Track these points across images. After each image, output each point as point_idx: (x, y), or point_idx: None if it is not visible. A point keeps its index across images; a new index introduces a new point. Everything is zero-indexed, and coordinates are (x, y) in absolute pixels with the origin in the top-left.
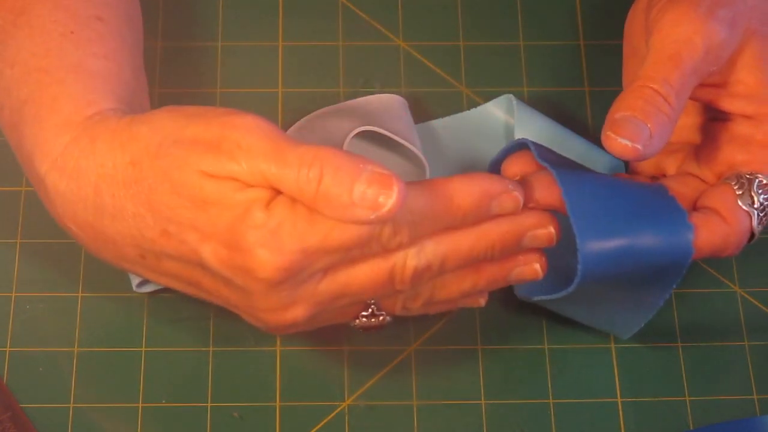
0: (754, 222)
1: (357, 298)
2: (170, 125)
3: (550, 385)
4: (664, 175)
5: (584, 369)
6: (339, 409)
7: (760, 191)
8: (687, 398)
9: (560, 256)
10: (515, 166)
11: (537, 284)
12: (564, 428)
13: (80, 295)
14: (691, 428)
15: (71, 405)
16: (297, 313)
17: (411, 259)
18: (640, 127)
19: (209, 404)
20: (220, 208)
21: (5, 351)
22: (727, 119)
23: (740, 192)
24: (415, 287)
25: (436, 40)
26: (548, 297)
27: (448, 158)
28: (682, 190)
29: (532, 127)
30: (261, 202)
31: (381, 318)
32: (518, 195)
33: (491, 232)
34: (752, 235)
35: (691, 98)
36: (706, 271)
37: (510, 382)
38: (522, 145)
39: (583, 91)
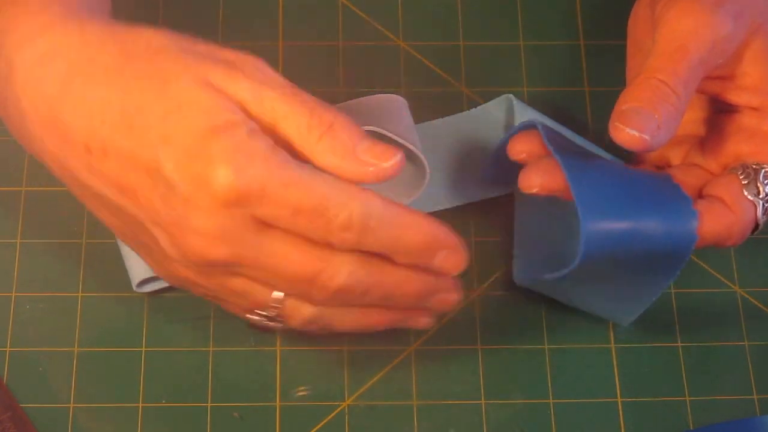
0: (759, 212)
1: (271, 278)
2: (180, 37)
3: (550, 385)
4: (669, 166)
5: (584, 369)
6: (339, 409)
7: (766, 182)
8: (687, 398)
9: (561, 242)
10: (521, 144)
11: (536, 270)
12: (564, 428)
13: (80, 295)
14: (691, 428)
15: (71, 405)
16: (220, 251)
17: (343, 271)
18: (647, 117)
19: (209, 404)
20: (202, 116)
21: (5, 351)
22: (733, 111)
23: (746, 182)
24: (326, 303)
25: (436, 40)
26: (550, 276)
27: (448, 158)
28: (686, 179)
29: None
30: (247, 127)
31: (273, 324)
32: (464, 258)
33: (416, 281)
34: (756, 225)
35: (698, 91)
36: (706, 270)
37: (510, 382)
38: (530, 126)
39: (583, 91)
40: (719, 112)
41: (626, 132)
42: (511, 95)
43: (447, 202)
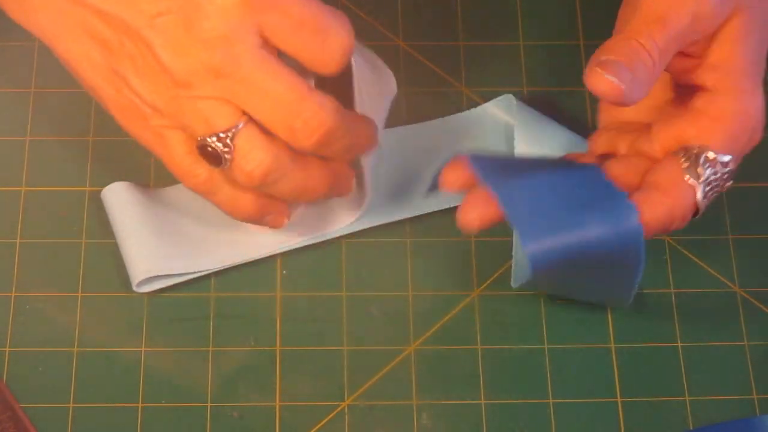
0: (699, 195)
1: (255, 97)
2: None
3: (549, 385)
4: (615, 155)
5: (584, 369)
6: (339, 408)
7: (707, 165)
8: (686, 398)
9: None
10: (451, 175)
11: (524, 272)
12: (563, 428)
13: (80, 294)
14: (691, 428)
15: (71, 405)
16: (224, 52)
17: (328, 108)
18: (624, 70)
19: (209, 404)
20: None
21: (5, 351)
22: (685, 94)
23: (686, 165)
24: (295, 144)
25: (435, 39)
26: (523, 282)
27: (447, 158)
28: (625, 171)
29: (532, 126)
30: None
31: (221, 152)
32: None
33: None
34: (697, 209)
35: (667, 69)
36: (706, 270)
37: (510, 382)
38: (461, 156)
39: (582, 91)
40: (672, 97)
41: (604, 77)
42: (511, 95)
43: (446, 203)
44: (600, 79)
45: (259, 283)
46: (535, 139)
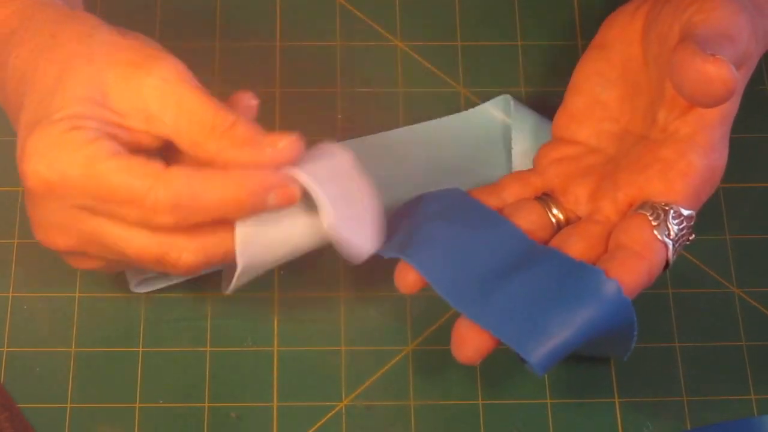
0: (670, 252)
1: (130, 260)
2: (113, 29)
3: (547, 385)
4: (574, 203)
5: (582, 369)
6: (336, 409)
7: (675, 221)
8: (684, 398)
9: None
10: (403, 282)
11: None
12: (561, 428)
13: (77, 295)
14: (689, 428)
15: (68, 405)
16: (63, 241)
17: (187, 252)
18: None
19: (206, 404)
20: (43, 110)
21: (2, 351)
22: (654, 141)
23: (656, 223)
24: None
25: (433, 40)
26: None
27: (445, 158)
28: (587, 246)
29: (529, 127)
30: (71, 124)
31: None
32: (295, 189)
33: None
34: (667, 264)
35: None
36: (704, 271)
37: (507, 382)
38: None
39: None
40: (637, 144)
41: (727, 64)
42: (508, 95)
43: None
44: (724, 66)
45: (257, 284)
46: (532, 139)
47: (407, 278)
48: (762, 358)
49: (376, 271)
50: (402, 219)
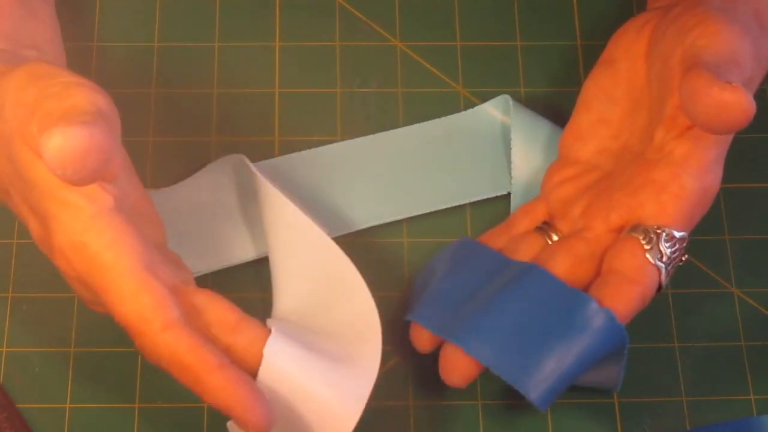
0: (663, 276)
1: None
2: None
3: None
4: (563, 217)
5: None
6: None
7: (667, 244)
8: (684, 398)
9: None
10: (420, 342)
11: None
12: (561, 429)
13: (76, 295)
14: (688, 428)
15: (68, 405)
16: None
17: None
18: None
19: (206, 405)
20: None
21: (1, 351)
22: (647, 162)
23: (648, 247)
24: None
25: (433, 40)
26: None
27: (445, 158)
28: (572, 266)
29: (528, 127)
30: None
31: None
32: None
33: None
34: (659, 287)
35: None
36: (703, 271)
37: (506, 383)
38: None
39: (579, 91)
40: (633, 162)
41: (742, 92)
42: (507, 96)
43: (443, 203)
44: (742, 94)
45: (256, 284)
46: (531, 139)
47: (422, 338)
48: (761, 358)
49: (376, 271)
50: (419, 284)
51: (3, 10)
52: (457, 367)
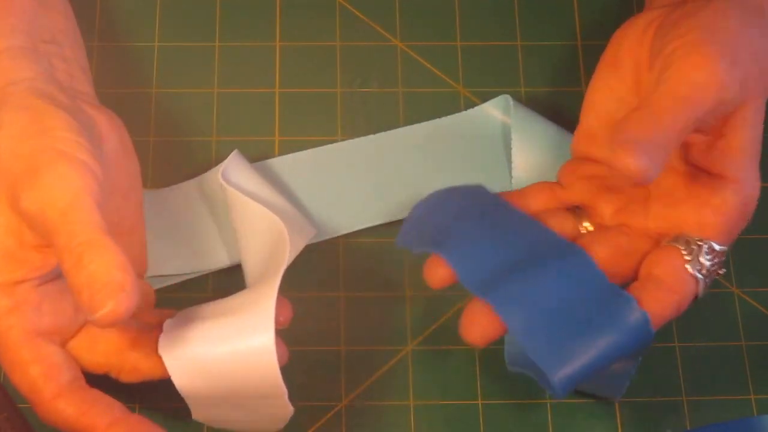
0: (701, 287)
1: None
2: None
3: None
4: (593, 216)
5: None
6: (336, 409)
7: (708, 257)
8: (684, 398)
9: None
10: (433, 276)
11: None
12: (561, 428)
13: None
14: (688, 428)
15: None
16: None
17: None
18: (650, 152)
19: None
20: None
21: None
22: (687, 175)
23: (689, 258)
24: None
25: (433, 40)
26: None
27: (445, 159)
28: (611, 254)
29: (529, 127)
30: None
31: None
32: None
33: None
34: (695, 297)
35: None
36: None
37: (507, 383)
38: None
39: (580, 91)
40: (670, 173)
41: (634, 158)
42: (507, 95)
43: None
44: (629, 161)
45: None
46: (531, 139)
47: (438, 272)
48: (761, 358)
49: (376, 271)
50: (427, 215)
51: (19, 7)
52: (482, 324)
